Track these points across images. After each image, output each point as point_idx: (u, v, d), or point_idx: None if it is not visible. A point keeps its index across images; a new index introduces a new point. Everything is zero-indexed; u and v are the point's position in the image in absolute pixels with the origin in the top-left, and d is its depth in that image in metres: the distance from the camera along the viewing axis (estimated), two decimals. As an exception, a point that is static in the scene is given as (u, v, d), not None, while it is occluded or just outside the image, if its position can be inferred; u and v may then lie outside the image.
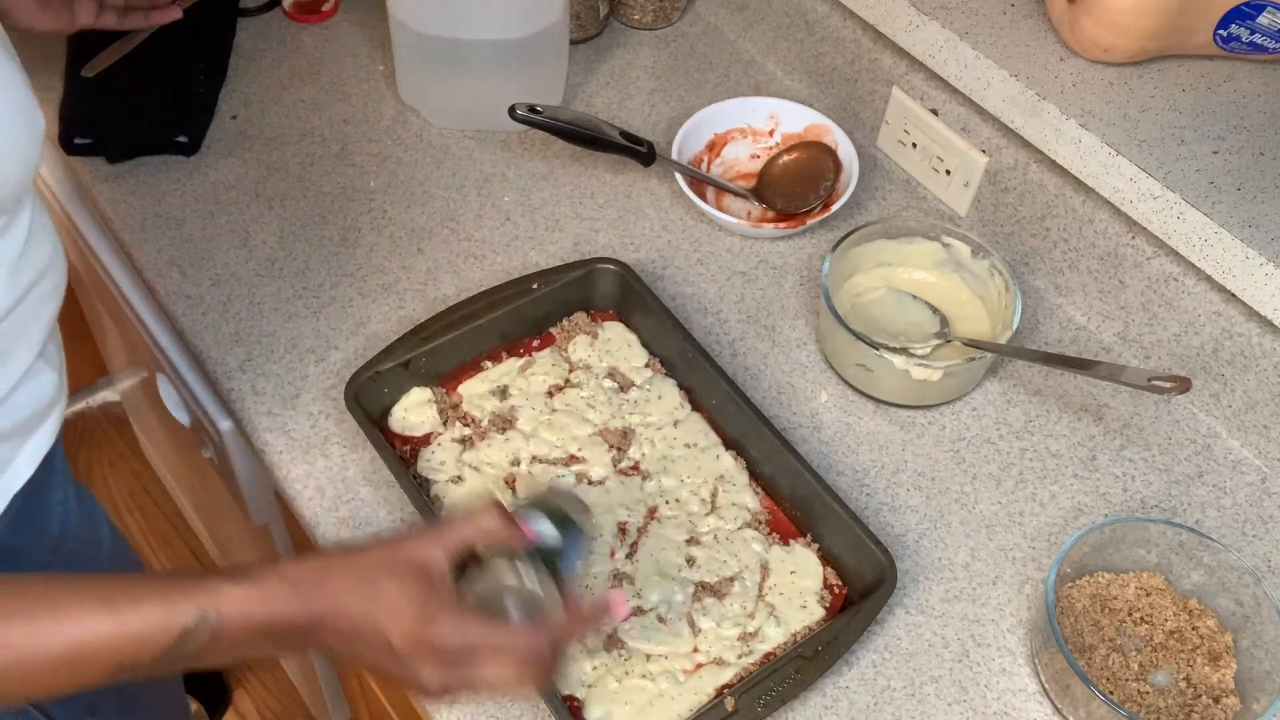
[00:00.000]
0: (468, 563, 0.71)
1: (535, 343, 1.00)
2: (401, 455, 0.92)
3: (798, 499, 0.90)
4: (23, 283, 0.73)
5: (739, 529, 0.89)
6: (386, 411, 0.94)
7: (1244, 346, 0.93)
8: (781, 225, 1.09)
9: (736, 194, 1.13)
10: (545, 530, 0.72)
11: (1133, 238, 0.97)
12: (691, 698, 0.80)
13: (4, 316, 0.72)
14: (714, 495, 0.91)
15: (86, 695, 0.93)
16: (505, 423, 0.94)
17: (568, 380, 0.97)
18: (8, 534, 0.81)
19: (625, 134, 1.09)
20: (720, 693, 0.80)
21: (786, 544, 0.89)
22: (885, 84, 1.13)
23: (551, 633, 0.69)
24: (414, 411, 0.94)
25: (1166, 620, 0.85)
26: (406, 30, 1.11)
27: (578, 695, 0.80)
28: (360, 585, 0.66)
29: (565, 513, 0.74)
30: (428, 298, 1.04)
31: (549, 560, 0.71)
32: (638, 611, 0.84)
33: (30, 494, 0.81)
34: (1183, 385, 0.86)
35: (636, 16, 1.28)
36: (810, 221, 1.08)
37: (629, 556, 0.87)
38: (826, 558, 0.88)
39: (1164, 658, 0.83)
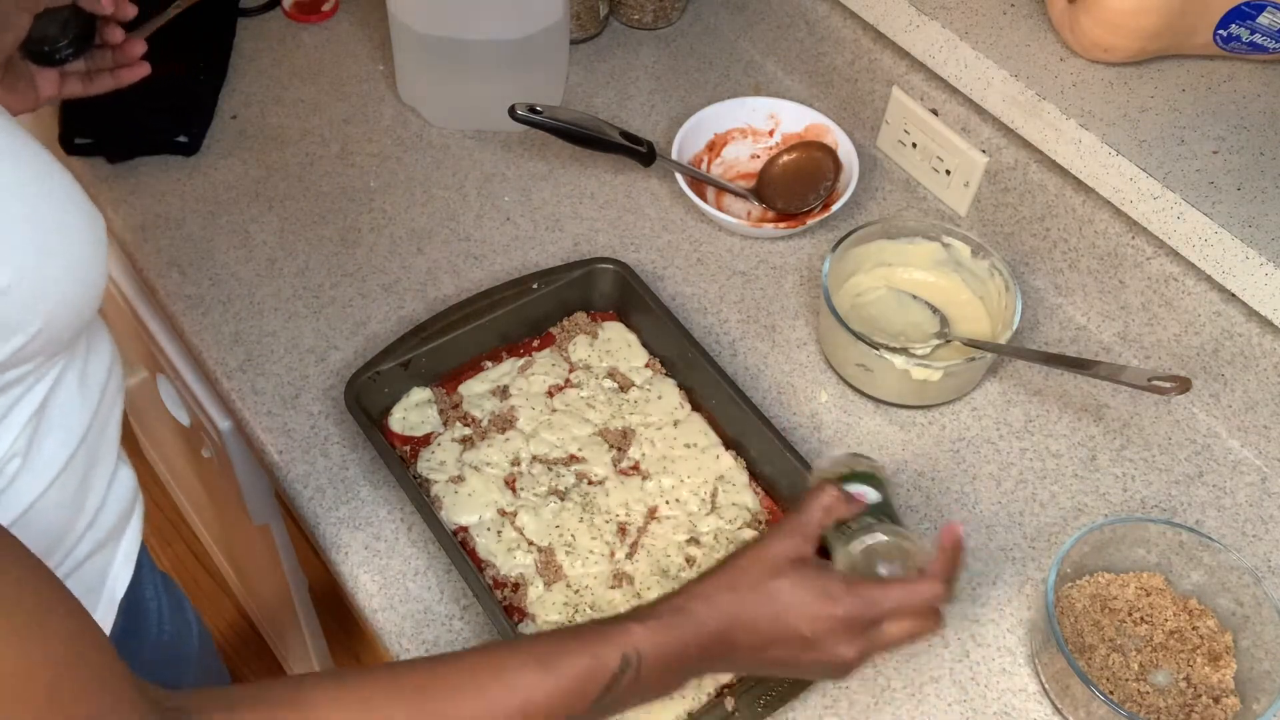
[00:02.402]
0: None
1: (535, 343, 1.00)
2: (401, 455, 0.92)
3: (798, 499, 0.89)
4: (94, 390, 0.72)
5: (739, 529, 0.89)
6: (386, 411, 0.95)
7: (1244, 346, 0.93)
8: (781, 225, 1.09)
9: (736, 194, 1.13)
10: (869, 491, 0.77)
11: (1133, 238, 0.97)
12: (691, 698, 0.80)
13: (89, 427, 0.71)
14: (714, 495, 0.91)
15: None
16: (505, 423, 0.94)
17: (568, 380, 0.97)
18: (119, 644, 0.81)
19: (625, 134, 1.09)
20: (720, 693, 0.80)
21: (786, 544, 0.89)
22: (885, 84, 1.13)
23: (936, 578, 0.72)
24: (414, 411, 0.94)
25: (1166, 620, 0.85)
26: (406, 30, 1.11)
27: (578, 695, 0.80)
28: (752, 594, 0.70)
29: (868, 472, 0.79)
30: (428, 298, 1.04)
31: (883, 511, 0.76)
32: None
33: (129, 596, 0.81)
34: (1183, 385, 0.86)
35: (636, 16, 1.28)
36: (810, 221, 1.08)
37: (629, 556, 0.87)
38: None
39: (1164, 658, 0.83)
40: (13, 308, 0.59)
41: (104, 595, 0.78)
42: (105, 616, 0.78)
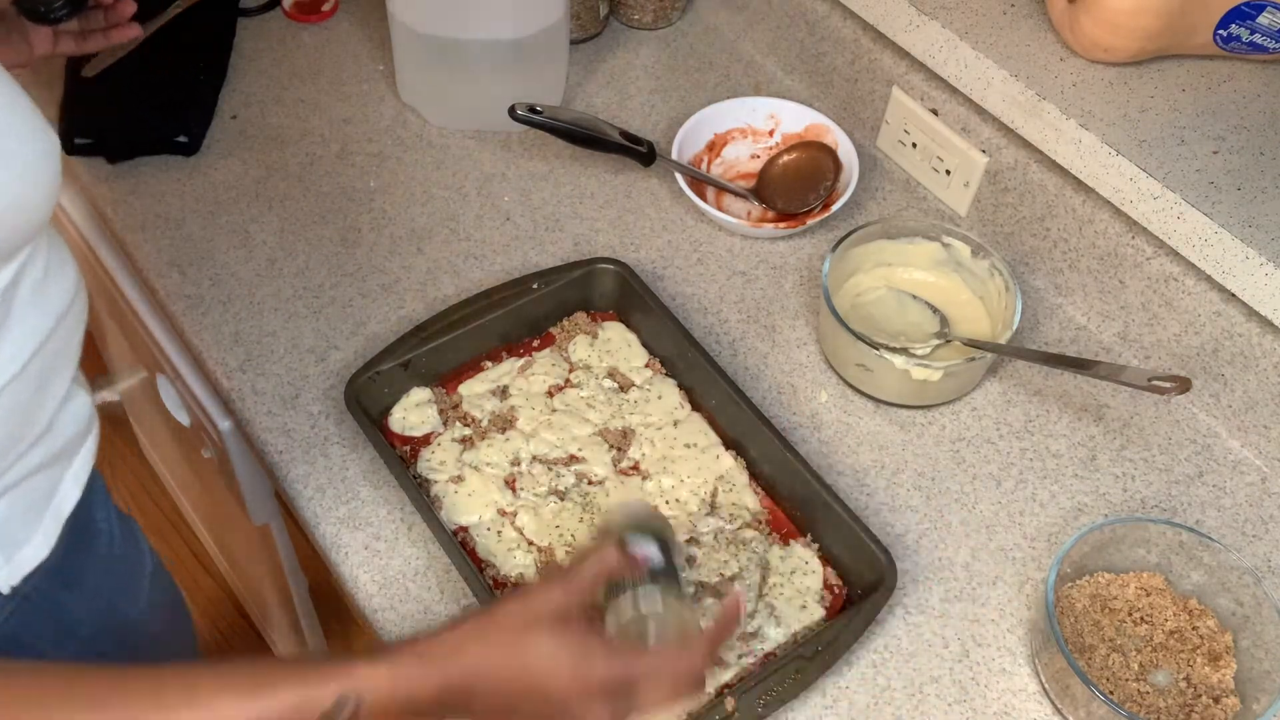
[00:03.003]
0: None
1: (535, 343, 1.00)
2: (401, 455, 0.92)
3: (798, 499, 0.90)
4: (54, 309, 0.73)
5: (739, 529, 0.89)
6: (386, 411, 0.95)
7: (1244, 346, 0.93)
8: (781, 225, 1.09)
9: (736, 194, 1.13)
10: (651, 552, 0.73)
11: (1133, 238, 0.97)
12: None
13: (42, 345, 0.72)
14: (714, 495, 0.91)
15: (96, 644, 0.93)
16: (505, 423, 0.94)
17: (568, 380, 0.97)
18: (64, 557, 0.81)
19: (625, 134, 1.09)
20: (720, 693, 0.80)
21: (786, 544, 0.89)
22: (885, 84, 1.13)
23: (699, 647, 0.70)
24: (414, 411, 0.94)
25: (1166, 620, 0.85)
26: (406, 30, 1.11)
27: (578, 695, 0.80)
28: (504, 647, 0.66)
29: (655, 530, 0.75)
30: (428, 298, 1.04)
31: (662, 575, 0.73)
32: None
33: (76, 516, 0.82)
34: (1183, 385, 0.86)
35: (636, 16, 1.28)
36: (810, 221, 1.08)
37: (629, 556, 0.87)
38: (826, 558, 0.88)
39: (1164, 658, 0.83)
40: None
41: (50, 510, 0.79)
42: (50, 530, 0.79)
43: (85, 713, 0.58)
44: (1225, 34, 0.94)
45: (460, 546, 0.85)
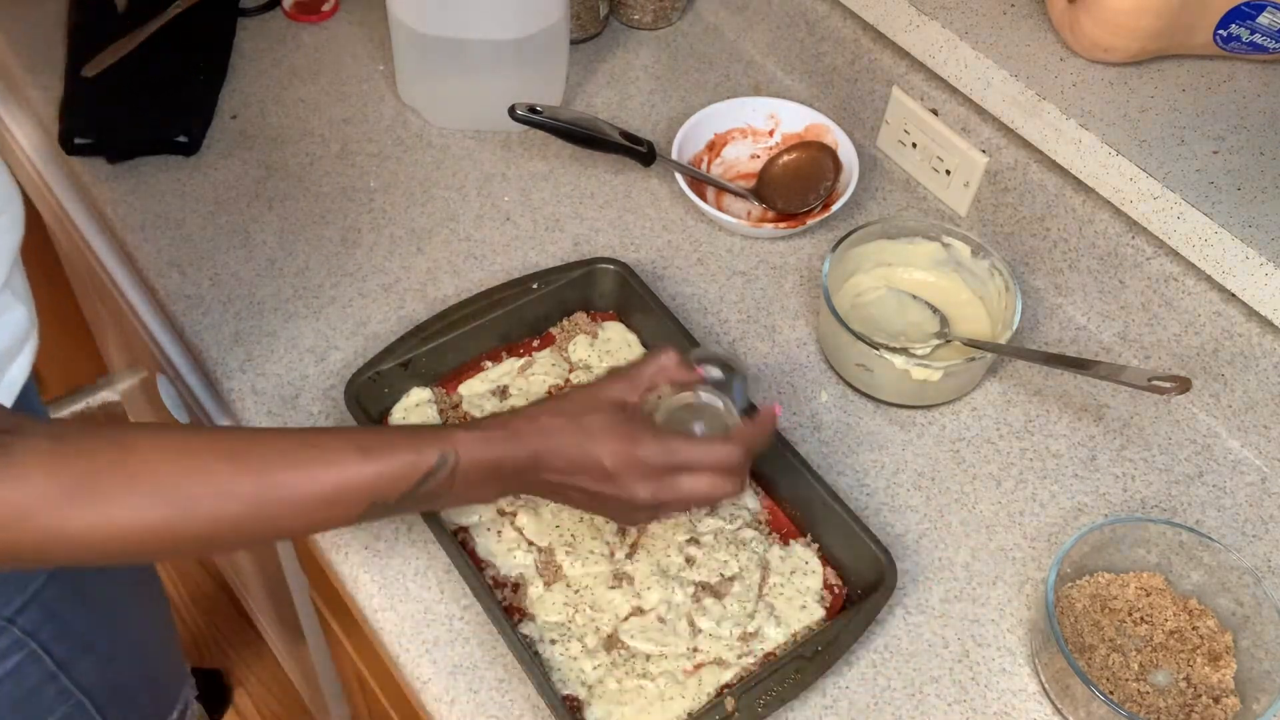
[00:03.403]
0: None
1: (535, 343, 1.00)
2: (401, 455, 0.92)
3: (798, 499, 0.90)
4: None
5: (739, 529, 0.89)
6: (386, 411, 0.94)
7: (1244, 346, 0.93)
8: (781, 225, 1.09)
9: (736, 194, 1.13)
10: (713, 371, 0.83)
11: (1133, 238, 0.97)
12: (691, 698, 0.80)
13: None
14: (714, 495, 0.91)
15: (118, 666, 0.96)
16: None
17: (568, 380, 0.97)
18: None
19: (625, 134, 1.09)
20: (720, 693, 0.80)
21: (786, 544, 0.89)
22: (885, 84, 1.13)
23: (737, 441, 0.78)
24: (414, 411, 0.94)
25: (1166, 620, 0.85)
26: (406, 30, 1.11)
27: (578, 695, 0.80)
28: (570, 423, 0.75)
29: (727, 362, 0.84)
30: (428, 298, 1.04)
31: (718, 387, 0.82)
32: (638, 611, 0.84)
33: None
34: (1183, 385, 0.86)
35: (636, 16, 1.28)
36: (810, 221, 1.08)
37: (629, 556, 0.87)
38: (826, 558, 0.88)
39: (1164, 658, 0.83)
40: None
41: None
42: None
43: (229, 463, 0.66)
44: (1225, 34, 0.94)
45: (460, 546, 0.85)
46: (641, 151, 1.09)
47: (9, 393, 0.80)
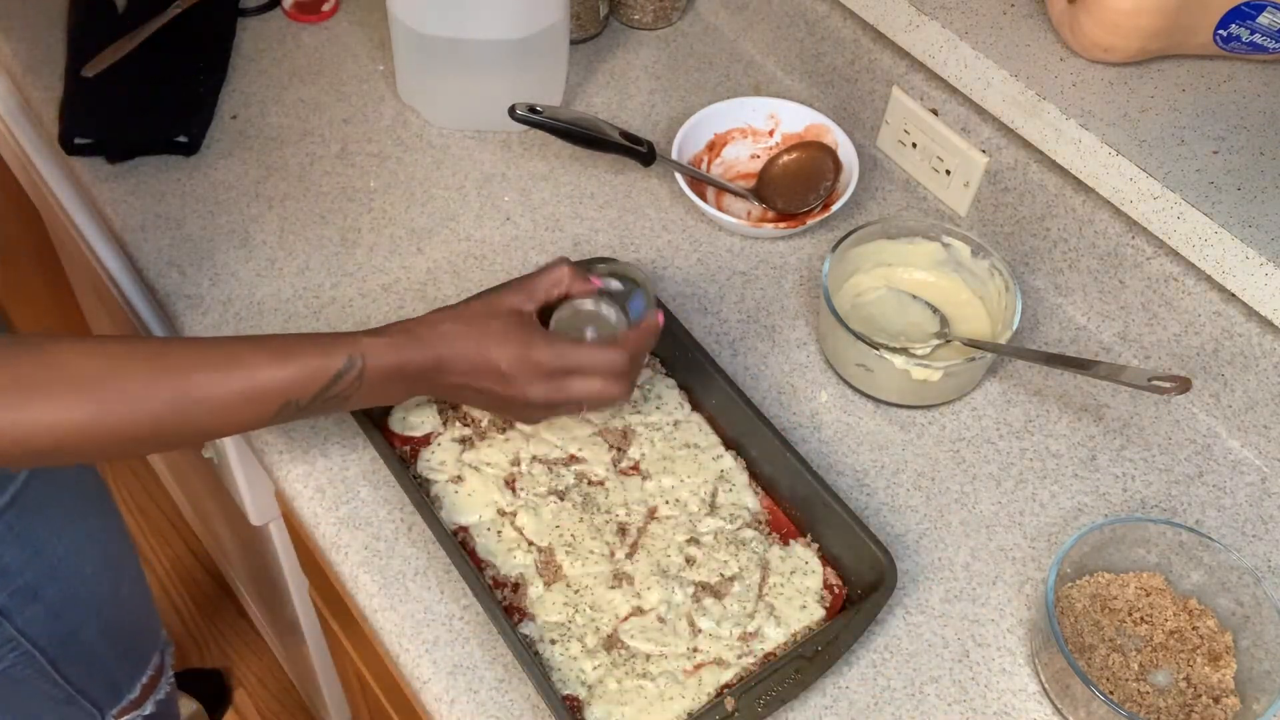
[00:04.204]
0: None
1: (535, 343, 1.00)
2: (401, 455, 0.92)
3: (798, 499, 0.90)
4: None
5: (739, 529, 0.89)
6: (386, 411, 0.94)
7: (1244, 346, 0.93)
8: (781, 225, 1.09)
9: (736, 194, 1.13)
10: (611, 282, 0.88)
11: (1133, 238, 0.97)
12: (691, 698, 0.80)
13: None
14: (714, 495, 0.91)
15: (70, 618, 0.97)
16: (505, 423, 0.94)
17: (568, 380, 0.97)
18: None
19: (625, 134, 1.09)
20: (720, 693, 0.80)
21: (786, 544, 0.89)
22: (885, 84, 1.13)
23: (624, 346, 0.84)
24: (414, 411, 0.94)
25: (1166, 620, 0.85)
26: (406, 30, 1.11)
27: (578, 695, 0.80)
28: (470, 328, 0.81)
29: (629, 275, 0.89)
30: (428, 298, 1.04)
31: (614, 298, 0.87)
32: (638, 611, 0.84)
33: None
34: (1183, 385, 0.86)
35: (636, 16, 1.28)
36: (810, 221, 1.08)
37: (629, 556, 0.87)
38: (826, 558, 0.88)
39: (1164, 658, 0.83)
40: None
41: None
42: None
43: (148, 366, 0.71)
44: (1225, 34, 0.94)
45: (460, 546, 0.85)
46: (641, 151, 1.09)
47: None
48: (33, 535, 0.95)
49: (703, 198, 1.09)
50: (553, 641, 0.82)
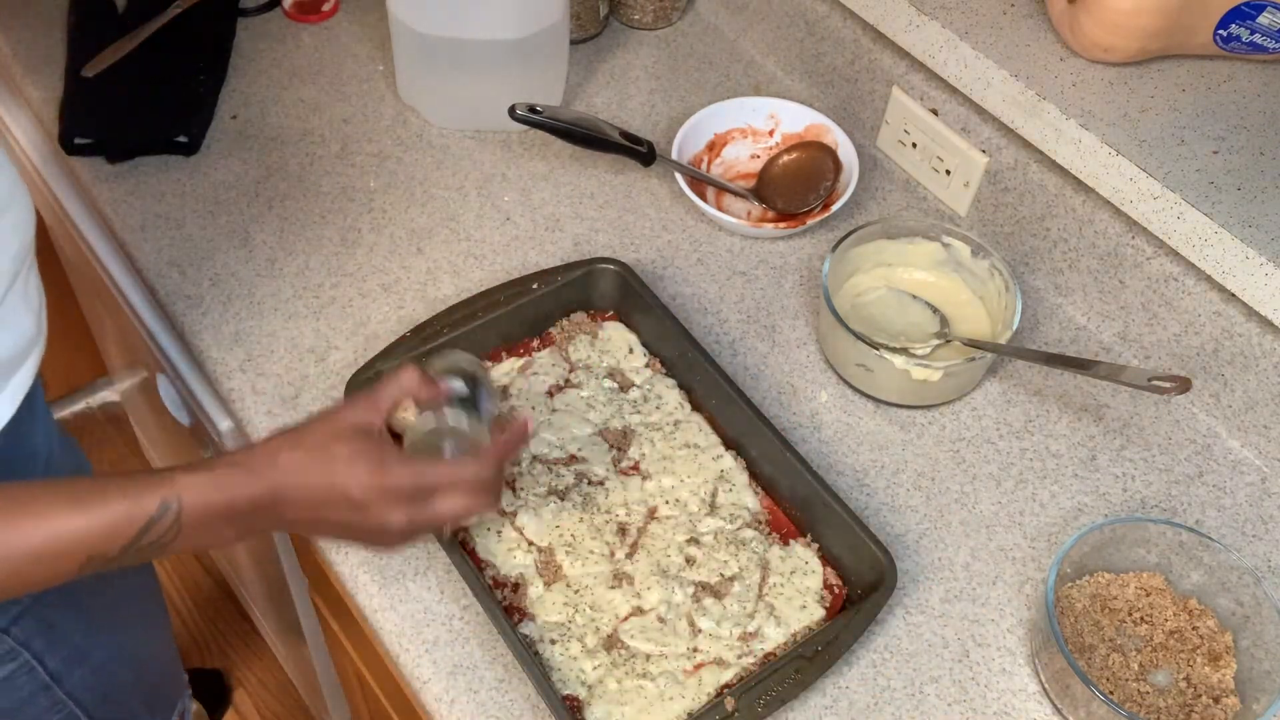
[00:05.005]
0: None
1: (535, 343, 1.00)
2: (401, 455, 0.92)
3: (798, 499, 0.90)
4: None
5: (739, 529, 0.89)
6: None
7: (1244, 346, 0.93)
8: (781, 225, 1.09)
9: (736, 194, 1.13)
10: (455, 384, 0.81)
11: (1133, 238, 0.97)
12: (691, 698, 0.80)
13: None
14: (714, 495, 0.91)
15: (111, 676, 0.95)
16: (505, 423, 0.94)
17: (568, 380, 0.97)
18: None
19: (625, 134, 1.09)
20: (720, 693, 0.80)
21: (786, 544, 0.89)
22: (885, 84, 1.13)
23: (489, 457, 0.78)
24: (414, 411, 0.94)
25: (1166, 620, 0.85)
26: (406, 30, 1.11)
27: (578, 695, 0.80)
28: (312, 455, 0.72)
29: (467, 370, 0.82)
30: (428, 298, 1.04)
31: (463, 403, 0.81)
32: (638, 612, 0.84)
33: (13, 435, 0.81)
34: (1183, 385, 0.86)
35: (636, 16, 1.28)
36: (810, 221, 1.08)
37: (629, 556, 0.87)
38: (826, 558, 0.88)
39: (1164, 658, 0.83)
40: None
41: None
42: None
43: None
44: (1225, 34, 0.94)
45: (460, 546, 0.85)
46: (641, 151, 1.09)
47: (12, 400, 0.80)
48: (82, 595, 0.93)
49: (703, 198, 1.09)
50: (553, 641, 0.82)
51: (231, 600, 1.96)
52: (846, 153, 1.11)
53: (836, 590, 0.87)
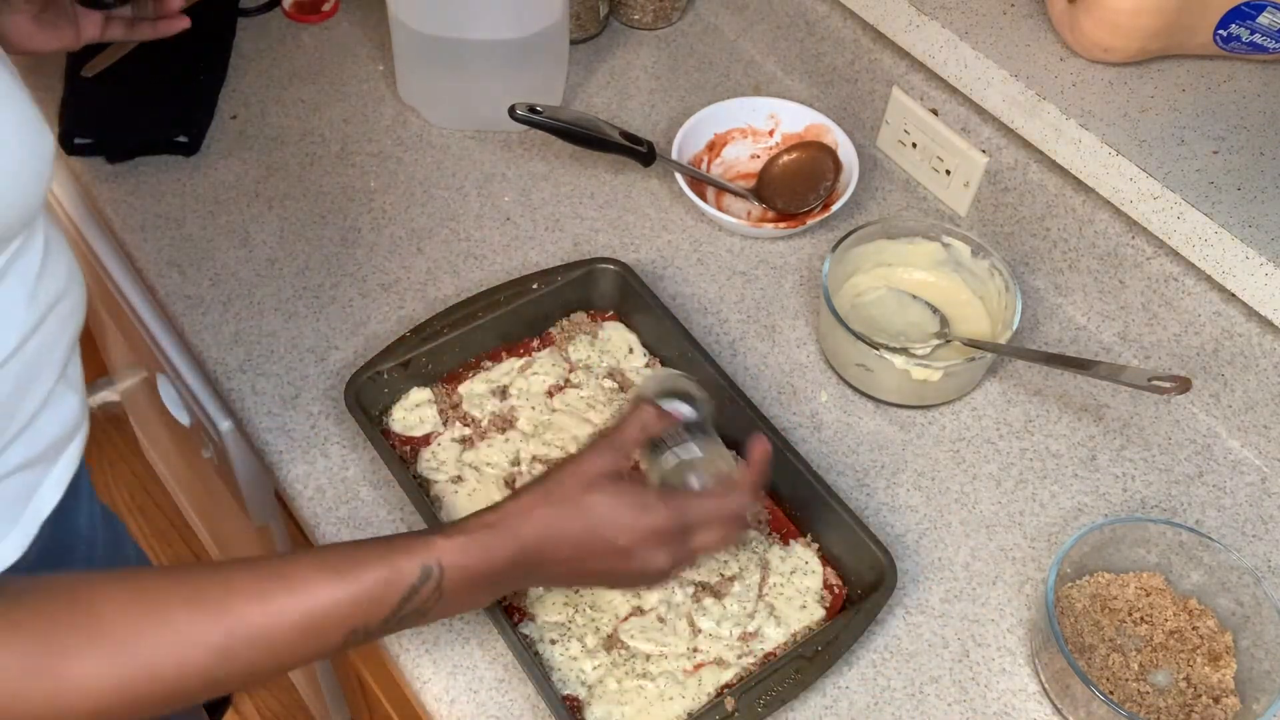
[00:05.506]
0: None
1: (535, 343, 1.00)
2: (401, 455, 0.92)
3: (798, 499, 0.90)
4: (42, 305, 0.72)
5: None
6: (386, 411, 0.94)
7: (1244, 346, 0.93)
8: (781, 225, 1.09)
9: (736, 194, 1.13)
10: (683, 409, 0.80)
11: (1133, 238, 0.97)
12: (691, 698, 0.80)
13: (26, 340, 0.71)
14: (714, 495, 0.91)
15: None
16: (505, 423, 0.94)
17: (567, 380, 0.97)
18: (37, 561, 0.80)
19: (625, 134, 1.09)
20: (720, 693, 0.80)
21: (786, 544, 0.89)
22: (885, 84, 1.13)
23: (745, 487, 0.77)
24: (414, 411, 0.94)
25: (1166, 620, 0.85)
26: (406, 30, 1.11)
27: (578, 695, 0.80)
28: (567, 508, 0.71)
29: (685, 390, 0.82)
30: (428, 298, 1.04)
31: (696, 427, 0.80)
32: (638, 611, 0.84)
33: (57, 519, 0.81)
34: (1183, 385, 0.86)
35: (636, 16, 1.28)
36: (810, 221, 1.08)
37: (629, 556, 0.87)
38: (826, 558, 0.88)
39: (1164, 658, 0.83)
40: None
41: (28, 511, 0.78)
42: (26, 531, 0.78)
43: (188, 608, 0.61)
44: (1225, 34, 0.94)
45: (460, 546, 0.85)
46: (641, 151, 1.09)
47: (58, 485, 0.80)
48: None
49: (703, 198, 1.09)
50: (553, 641, 0.82)
51: (231, 600, 1.96)
52: (846, 153, 1.11)
53: (836, 590, 0.87)
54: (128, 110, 1.15)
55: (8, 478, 0.75)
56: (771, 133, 1.16)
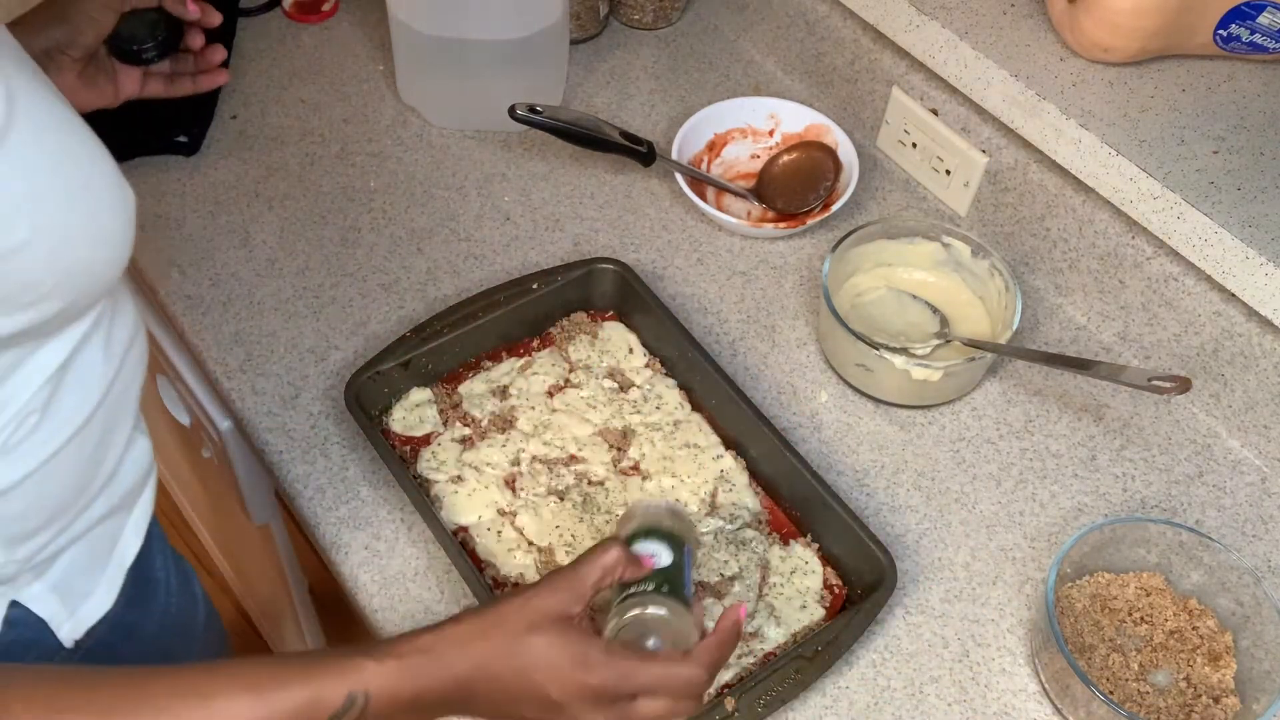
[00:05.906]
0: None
1: (535, 343, 1.00)
2: (401, 455, 0.92)
3: (798, 499, 0.90)
4: (117, 353, 0.71)
5: (739, 529, 0.89)
6: (386, 411, 0.94)
7: (1244, 346, 0.93)
8: (781, 225, 1.09)
9: (736, 194, 1.13)
10: (660, 553, 0.73)
11: (1133, 238, 0.97)
12: (691, 698, 0.80)
13: (107, 392, 0.70)
14: (714, 495, 0.91)
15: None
16: (505, 423, 0.94)
17: (568, 380, 0.97)
18: (125, 608, 0.80)
19: (625, 134, 1.09)
20: (720, 693, 0.80)
21: (786, 544, 0.89)
22: (885, 84, 1.13)
23: (702, 662, 0.69)
24: (414, 411, 0.94)
25: (1166, 620, 0.85)
26: (406, 30, 1.11)
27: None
28: (506, 647, 0.66)
29: (669, 529, 0.75)
30: (428, 298, 1.04)
31: (668, 579, 0.73)
32: (638, 611, 0.84)
33: (137, 565, 0.81)
34: (1183, 385, 0.86)
35: (636, 16, 1.28)
36: (810, 221, 1.08)
37: (629, 556, 0.87)
38: (826, 558, 0.88)
39: (1164, 658, 0.83)
40: (33, 265, 0.58)
41: (113, 560, 0.79)
42: (113, 581, 0.78)
43: (99, 718, 0.58)
44: (1225, 34, 0.94)
45: (460, 547, 0.85)
46: (641, 151, 1.09)
47: (138, 530, 0.79)
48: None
49: (703, 198, 1.09)
50: (553, 641, 0.82)
51: (231, 600, 1.96)
52: (846, 153, 1.11)
53: (836, 590, 0.87)
54: (128, 110, 1.14)
55: (93, 529, 0.75)
56: (771, 133, 1.16)
